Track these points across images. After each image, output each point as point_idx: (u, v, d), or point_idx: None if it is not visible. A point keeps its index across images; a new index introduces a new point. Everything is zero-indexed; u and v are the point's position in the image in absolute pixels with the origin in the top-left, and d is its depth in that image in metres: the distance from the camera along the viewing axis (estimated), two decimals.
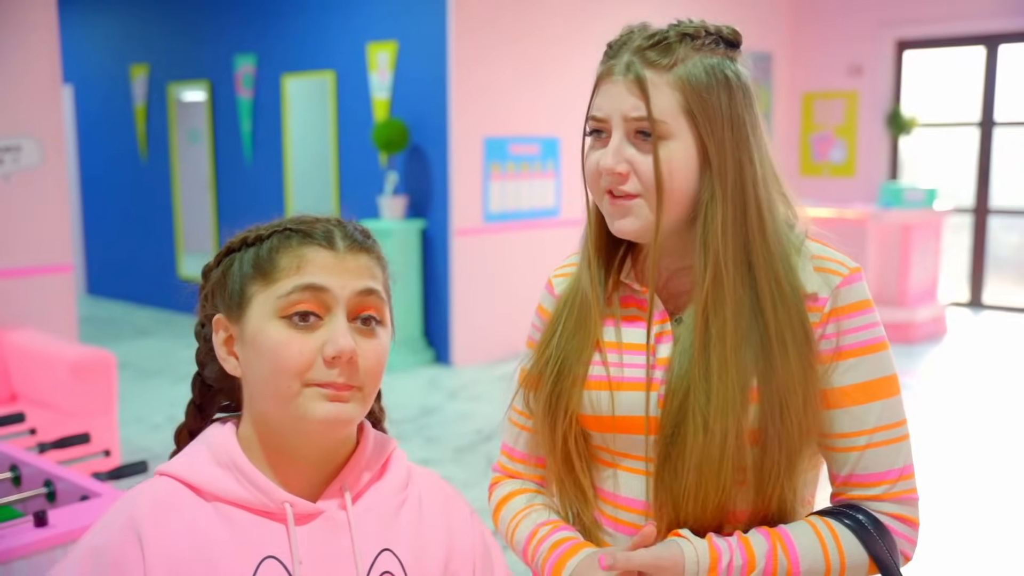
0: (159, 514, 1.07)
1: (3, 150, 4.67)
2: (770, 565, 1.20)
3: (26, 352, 4.42)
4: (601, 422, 1.29)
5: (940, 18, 9.05)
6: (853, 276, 1.26)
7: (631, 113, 1.21)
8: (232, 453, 1.11)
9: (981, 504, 4.44)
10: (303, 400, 1.06)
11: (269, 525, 1.09)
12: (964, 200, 9.29)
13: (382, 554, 1.13)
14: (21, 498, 2.17)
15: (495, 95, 7.03)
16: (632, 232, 1.25)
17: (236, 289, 1.11)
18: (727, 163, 1.22)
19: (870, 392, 1.24)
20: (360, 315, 1.09)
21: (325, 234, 1.10)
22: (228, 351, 1.13)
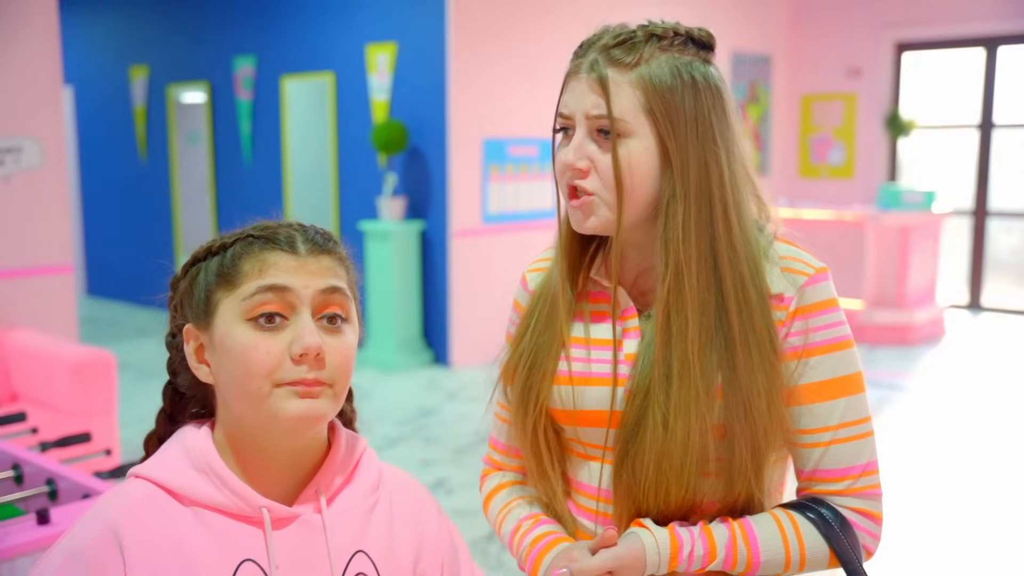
0: (137, 517, 1.08)
1: (4, 151, 4.68)
2: (731, 555, 1.23)
3: (27, 352, 4.42)
4: (569, 416, 1.31)
5: (939, 20, 9.07)
6: (819, 276, 1.27)
7: (592, 111, 1.23)
8: (209, 458, 1.12)
9: (978, 506, 4.44)
10: (275, 400, 1.07)
11: (246, 529, 1.10)
12: (963, 202, 9.31)
13: (356, 556, 1.15)
14: (23, 496, 2.18)
15: (494, 97, 7.05)
16: (592, 229, 1.26)
17: (202, 297, 1.13)
18: (690, 163, 1.22)
19: (834, 389, 1.26)
20: (325, 313, 1.11)
21: (287, 239, 1.13)
22: (199, 359, 1.14)
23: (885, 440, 5.42)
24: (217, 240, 1.16)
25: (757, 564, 1.24)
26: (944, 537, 4.08)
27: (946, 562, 3.84)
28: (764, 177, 9.72)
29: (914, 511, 4.37)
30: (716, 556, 1.23)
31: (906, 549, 3.92)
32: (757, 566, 1.24)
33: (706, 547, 1.23)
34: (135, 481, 1.13)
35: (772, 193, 9.20)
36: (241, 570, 1.08)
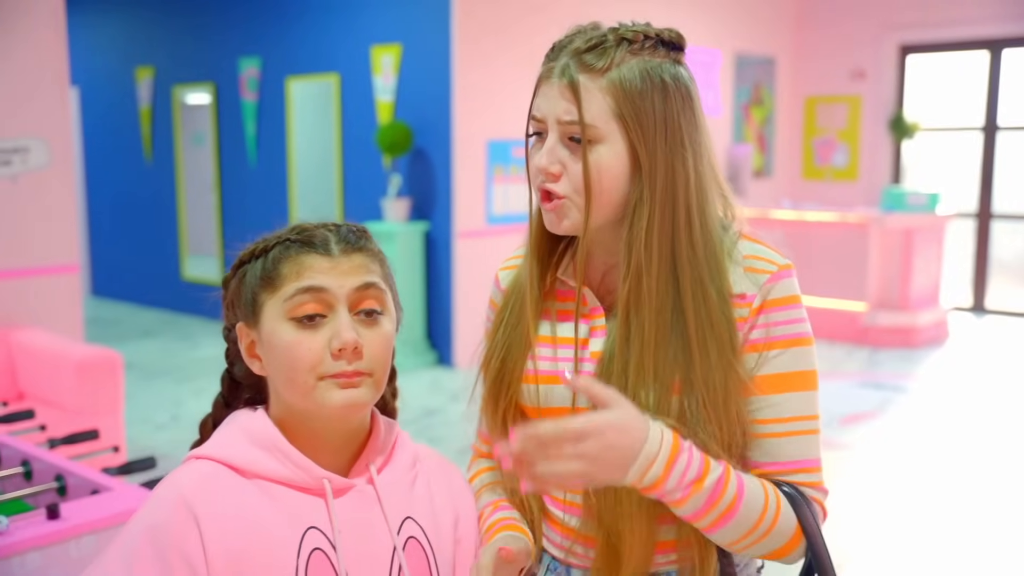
0: (208, 491, 1.17)
1: (11, 151, 4.70)
2: (722, 482, 1.17)
3: (33, 351, 4.44)
4: (536, 413, 1.34)
5: (943, 22, 9.07)
6: (782, 273, 1.28)
7: (563, 117, 1.24)
8: (272, 435, 1.22)
9: (979, 508, 4.45)
10: (320, 392, 1.18)
11: (308, 499, 1.21)
12: (967, 205, 9.32)
13: (406, 521, 1.26)
14: (32, 492, 2.19)
15: (499, 98, 7.06)
16: (565, 230, 1.29)
17: (249, 299, 1.24)
18: (658, 167, 1.24)
19: (789, 383, 1.27)
20: (361, 308, 1.21)
21: (322, 241, 1.22)
22: (251, 355, 1.26)
23: (888, 441, 5.43)
24: (260, 243, 1.26)
25: (738, 507, 1.19)
26: (945, 537, 4.09)
27: (947, 562, 3.85)
28: (767, 179, 9.73)
29: (916, 512, 4.38)
30: (709, 475, 1.16)
31: (907, 549, 3.93)
32: (736, 510, 1.19)
33: (702, 459, 1.18)
34: (196, 461, 1.22)
35: (775, 195, 9.23)
36: (307, 536, 1.18)
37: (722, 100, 9.07)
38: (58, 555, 1.87)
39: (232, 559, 1.14)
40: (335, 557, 1.18)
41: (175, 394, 6.41)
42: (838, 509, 4.15)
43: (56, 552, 1.87)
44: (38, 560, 1.86)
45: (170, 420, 5.78)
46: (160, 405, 6.12)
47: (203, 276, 9.16)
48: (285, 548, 1.16)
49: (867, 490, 4.65)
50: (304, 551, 1.17)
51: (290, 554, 1.16)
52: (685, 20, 8.56)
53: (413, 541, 1.26)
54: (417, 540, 1.26)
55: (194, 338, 8.33)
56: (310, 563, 1.17)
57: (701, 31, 8.68)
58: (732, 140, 9.34)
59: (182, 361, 7.43)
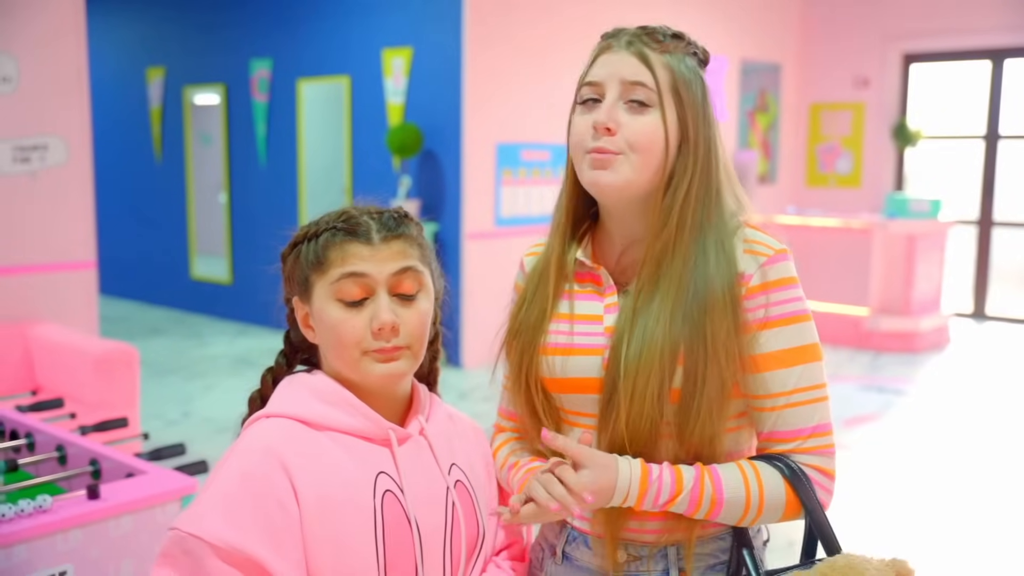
0: (290, 442, 1.30)
1: (31, 148, 4.78)
2: (697, 487, 1.33)
3: (51, 346, 4.50)
4: (555, 384, 1.44)
5: (946, 32, 9.16)
6: (778, 256, 1.38)
7: (630, 77, 1.37)
8: (339, 391, 1.36)
9: (980, 512, 4.51)
10: (364, 365, 1.34)
11: (374, 448, 1.35)
12: (969, 212, 9.39)
13: (452, 467, 1.42)
14: (66, 476, 2.27)
15: (508, 102, 7.14)
16: (609, 184, 1.37)
17: (303, 277, 1.38)
18: (700, 143, 1.38)
19: (791, 358, 1.37)
20: (399, 291, 1.35)
21: (364, 230, 1.35)
22: (306, 325, 1.40)
23: (888, 444, 5.50)
24: (312, 226, 1.39)
25: (721, 502, 1.33)
26: (943, 538, 4.15)
27: (945, 562, 3.91)
28: (771, 185, 9.81)
29: (915, 513, 4.44)
30: (683, 487, 1.32)
31: (906, 550, 3.99)
32: (721, 504, 1.33)
33: (673, 477, 1.33)
34: (267, 420, 1.34)
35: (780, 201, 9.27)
36: (379, 480, 1.32)
37: (727, 106, 9.15)
38: (99, 533, 1.95)
39: (320, 502, 1.26)
40: (403, 498, 1.32)
41: (185, 391, 6.48)
42: (838, 509, 4.22)
43: (97, 530, 1.95)
44: (80, 537, 1.94)
45: (181, 416, 5.85)
46: (171, 402, 6.19)
47: (212, 275, 9.23)
48: (362, 490, 1.29)
49: (868, 491, 4.71)
50: (378, 493, 1.30)
51: (367, 495, 1.29)
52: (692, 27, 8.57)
53: (460, 484, 1.41)
54: (463, 482, 1.42)
55: (203, 336, 8.40)
56: (384, 503, 1.30)
57: (708, 38, 8.71)
58: (737, 146, 9.42)
59: (191, 359, 7.50)
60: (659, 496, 1.32)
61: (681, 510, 1.33)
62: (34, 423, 2.58)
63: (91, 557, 1.97)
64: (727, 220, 1.40)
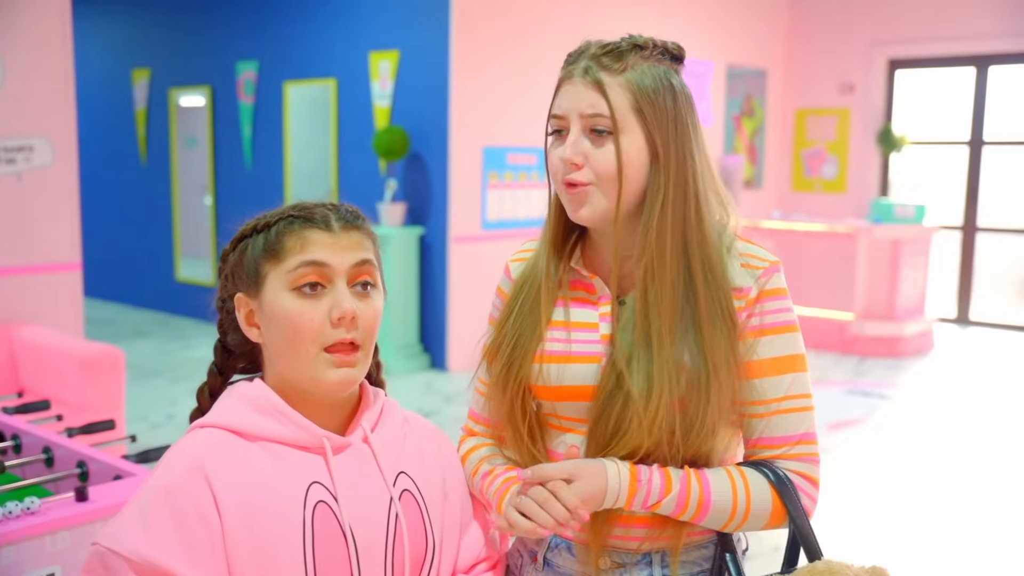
0: (215, 453, 1.25)
1: (16, 149, 4.76)
2: (685, 489, 1.34)
3: (36, 348, 4.48)
4: (549, 391, 1.43)
5: (932, 38, 9.21)
6: (772, 268, 1.41)
7: (587, 110, 1.36)
8: (272, 399, 1.31)
9: (962, 514, 4.54)
10: (318, 366, 1.28)
11: (309, 457, 1.29)
12: (953, 217, 9.44)
13: (400, 476, 1.36)
14: (54, 478, 2.26)
15: (495, 105, 7.14)
16: (589, 218, 1.39)
17: (252, 269, 1.32)
18: (671, 157, 1.37)
19: (783, 366, 1.39)
20: (357, 281, 1.30)
21: (323, 217, 1.31)
22: (250, 323, 1.34)
23: (873, 448, 5.53)
24: (261, 219, 1.35)
25: (708, 505, 1.35)
26: (926, 541, 4.17)
27: (928, 565, 3.93)
28: (757, 190, 9.84)
29: (898, 516, 4.46)
30: (672, 489, 1.33)
31: (889, 553, 4.01)
32: (708, 507, 1.35)
33: (663, 479, 1.34)
34: (200, 430, 1.30)
35: (765, 206, 9.30)
36: (311, 490, 1.27)
37: (713, 111, 9.18)
38: (87, 535, 1.94)
39: (244, 513, 1.22)
40: (338, 508, 1.27)
41: (170, 393, 6.45)
42: (820, 513, 4.24)
43: (85, 532, 1.94)
44: (68, 539, 1.93)
45: (166, 419, 5.83)
46: (155, 404, 6.16)
47: (196, 278, 9.20)
48: (292, 501, 1.25)
49: (851, 495, 4.73)
50: (309, 503, 1.25)
51: (297, 506, 1.24)
52: (679, 31, 8.66)
53: (407, 493, 1.35)
54: (411, 492, 1.36)
55: (188, 338, 8.37)
56: (315, 514, 1.25)
57: (694, 42, 8.78)
58: (723, 151, 9.45)
59: (176, 361, 7.48)
60: (648, 497, 1.33)
61: (667, 512, 1.35)
62: (21, 425, 2.57)
63: (79, 559, 1.96)
64: (715, 232, 1.41)
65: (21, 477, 2.38)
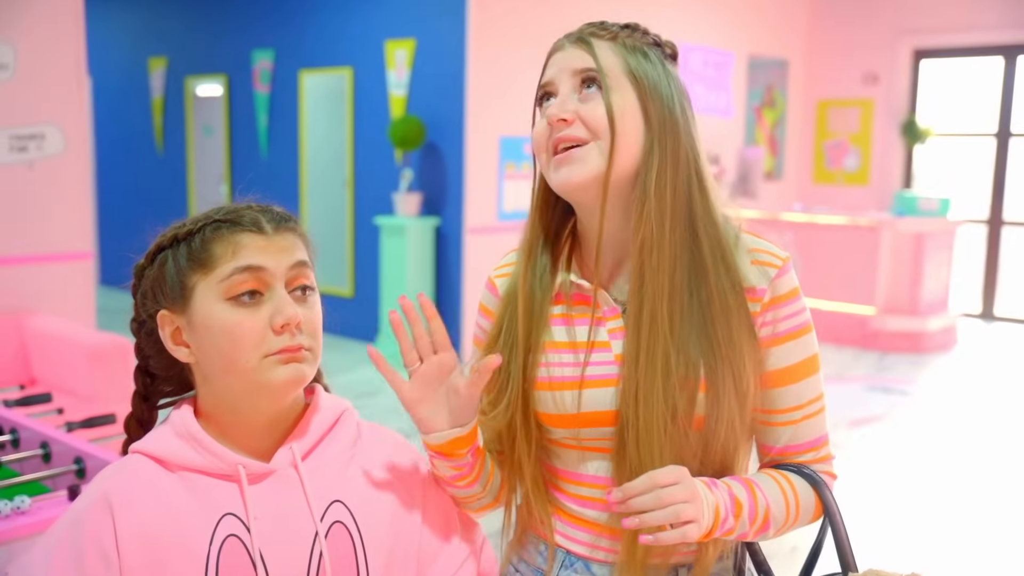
0: (128, 486, 1.18)
1: (27, 137, 4.72)
2: (753, 507, 1.25)
3: (46, 337, 4.45)
4: (568, 419, 1.30)
5: (958, 28, 9.06)
6: (786, 266, 1.30)
7: (578, 66, 1.27)
8: (188, 425, 1.21)
9: (985, 514, 4.45)
10: (263, 370, 1.17)
11: (225, 486, 1.19)
12: (978, 211, 9.30)
13: (333, 505, 1.22)
14: (51, 474, 2.20)
15: (512, 95, 7.06)
16: (576, 180, 1.25)
17: (176, 282, 1.20)
18: (666, 128, 1.26)
19: (803, 371, 1.31)
20: (296, 286, 1.20)
21: (253, 220, 1.20)
22: (176, 342, 1.22)
23: (893, 445, 5.43)
24: (182, 227, 1.23)
25: (768, 518, 1.27)
26: (947, 540, 4.09)
27: (950, 563, 3.85)
28: (778, 181, 9.72)
29: (918, 515, 4.38)
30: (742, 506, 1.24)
31: (909, 551, 3.93)
32: (769, 520, 1.27)
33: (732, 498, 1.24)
34: (132, 456, 1.23)
35: (786, 198, 9.20)
36: (222, 523, 1.16)
37: (734, 102, 9.06)
38: None
39: (146, 547, 1.14)
40: (249, 541, 1.17)
41: None
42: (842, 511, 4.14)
43: None
44: None
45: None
46: None
47: None
48: (198, 534, 1.15)
49: (872, 492, 4.65)
50: (218, 537, 1.16)
51: (203, 541, 1.15)
52: (699, 22, 8.55)
53: (339, 525, 1.22)
54: (344, 524, 1.22)
55: None
56: (223, 549, 1.15)
57: (714, 33, 8.67)
58: (744, 142, 9.33)
59: None
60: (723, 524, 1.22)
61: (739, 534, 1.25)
62: (19, 418, 2.51)
63: None
64: (722, 223, 1.29)
65: (19, 472, 2.32)
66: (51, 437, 2.35)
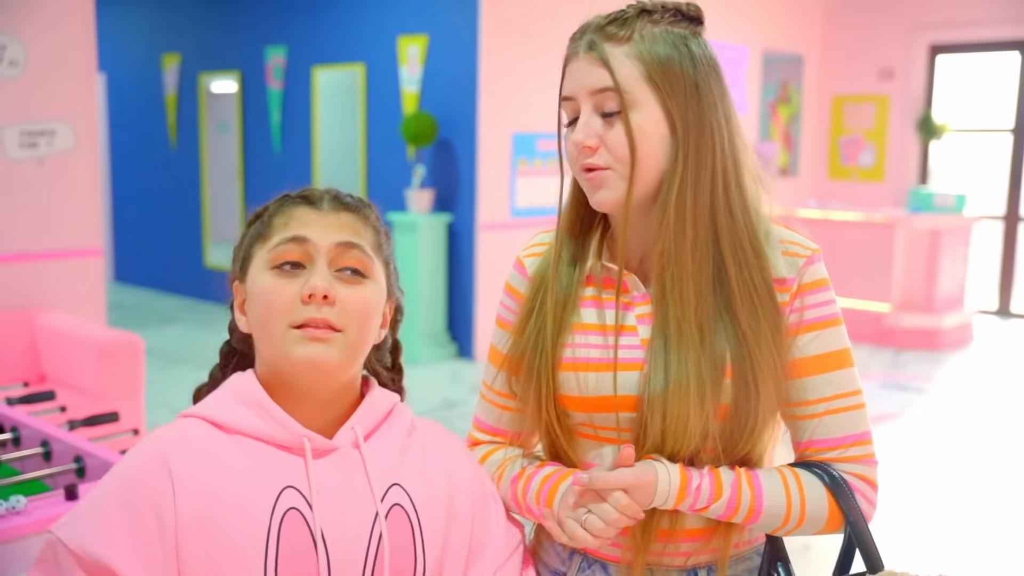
0: (185, 447, 1.17)
1: (38, 134, 4.72)
2: (735, 495, 1.24)
3: (56, 334, 4.45)
4: (586, 402, 1.30)
5: (974, 23, 8.98)
6: (814, 257, 1.31)
7: (596, 85, 1.25)
8: (255, 392, 1.21)
9: (1000, 513, 4.41)
10: (286, 342, 1.17)
11: (288, 457, 1.18)
12: (995, 207, 9.22)
13: (392, 488, 1.22)
14: (51, 473, 2.20)
15: (524, 91, 7.03)
16: (609, 203, 1.27)
17: (245, 255, 1.26)
18: (690, 127, 1.24)
19: (829, 363, 1.29)
20: (342, 266, 1.20)
21: (317, 197, 1.25)
22: (242, 311, 1.26)
23: (909, 443, 5.39)
24: (266, 206, 1.28)
25: (760, 510, 1.25)
26: (962, 538, 4.05)
27: (964, 562, 3.82)
28: (792, 178, 9.67)
29: (933, 513, 4.34)
30: (722, 494, 1.24)
31: (924, 548, 3.90)
32: (759, 512, 1.25)
33: (712, 484, 1.24)
34: (181, 420, 1.22)
35: (801, 194, 9.13)
36: (284, 495, 1.15)
37: (749, 98, 9.01)
38: None
39: (203, 513, 1.13)
40: (311, 517, 1.15)
41: (196, 381, 6.31)
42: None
43: None
44: None
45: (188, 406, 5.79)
46: (180, 391, 6.13)
47: (226, 264, 9.10)
48: (259, 504, 1.14)
49: (887, 491, 4.61)
50: (279, 509, 1.14)
51: (263, 511, 1.14)
52: (712, 16, 8.43)
53: (398, 508, 1.21)
54: (403, 507, 1.22)
55: (216, 325, 8.35)
56: (284, 521, 1.14)
57: (729, 28, 8.62)
58: (758, 138, 9.28)
59: (203, 348, 7.45)
60: (695, 503, 1.24)
61: (716, 515, 1.25)
62: (21, 417, 2.50)
63: None
64: (749, 203, 1.29)
65: (20, 471, 2.32)
66: (52, 435, 2.34)
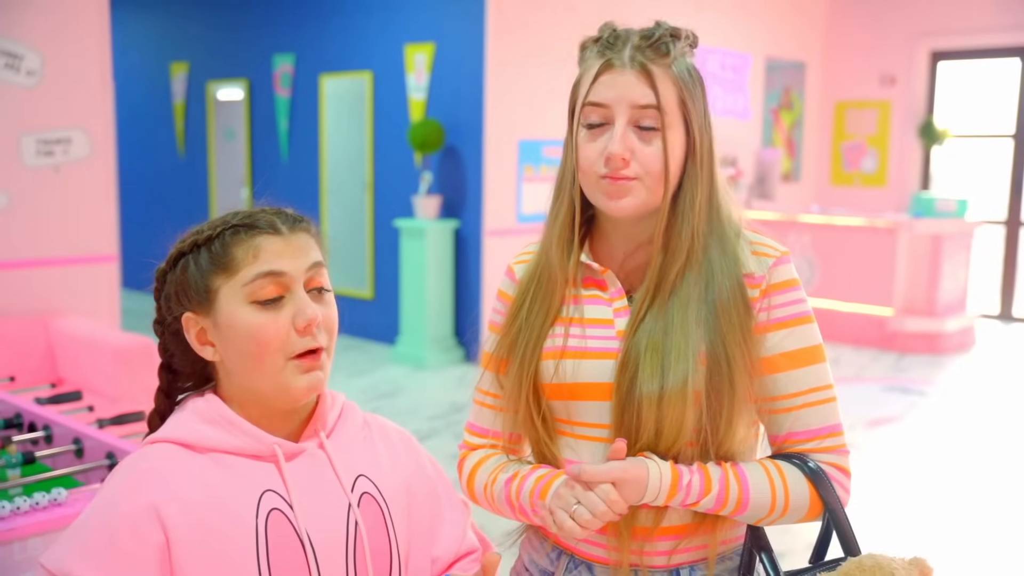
0: (165, 468, 1.22)
1: (54, 142, 4.80)
2: (723, 489, 1.32)
3: (73, 339, 4.51)
4: (565, 389, 1.39)
5: (975, 29, 9.05)
6: (783, 258, 1.39)
7: (639, 100, 1.32)
8: (221, 411, 1.27)
9: (1002, 515, 4.46)
10: (287, 375, 1.24)
11: (261, 465, 1.26)
12: (996, 212, 9.28)
13: (359, 478, 1.32)
14: (83, 469, 2.27)
15: (530, 98, 7.11)
16: (629, 209, 1.35)
17: (200, 286, 1.26)
18: (704, 150, 1.37)
19: (801, 359, 1.36)
20: (313, 287, 1.27)
21: (269, 223, 1.26)
22: (203, 342, 1.28)
23: (911, 446, 5.44)
24: (200, 232, 1.29)
25: (747, 502, 1.33)
26: (964, 541, 4.10)
27: (966, 564, 3.87)
28: (795, 183, 9.74)
29: (936, 515, 4.39)
30: (711, 489, 1.31)
31: (926, 551, 3.95)
32: (747, 504, 1.33)
33: (702, 480, 1.31)
34: (151, 445, 1.26)
35: (804, 200, 9.18)
36: (264, 498, 1.23)
37: (752, 104, 9.08)
38: None
39: (193, 528, 1.18)
40: (293, 515, 1.23)
41: None
42: (859, 509, 4.18)
43: None
44: None
45: None
46: None
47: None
48: (244, 510, 1.21)
49: (889, 492, 4.66)
50: (262, 512, 1.21)
51: (249, 516, 1.21)
52: (716, 23, 8.58)
53: (367, 496, 1.31)
54: (371, 495, 1.32)
55: None
56: (269, 522, 1.21)
57: (732, 35, 8.70)
58: (761, 144, 9.35)
59: None
60: (686, 498, 1.31)
61: (705, 509, 1.33)
62: (52, 416, 2.58)
63: None
64: (729, 223, 1.40)
65: (52, 468, 2.39)
66: (83, 433, 2.42)
